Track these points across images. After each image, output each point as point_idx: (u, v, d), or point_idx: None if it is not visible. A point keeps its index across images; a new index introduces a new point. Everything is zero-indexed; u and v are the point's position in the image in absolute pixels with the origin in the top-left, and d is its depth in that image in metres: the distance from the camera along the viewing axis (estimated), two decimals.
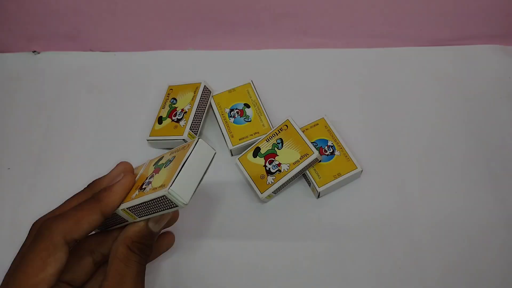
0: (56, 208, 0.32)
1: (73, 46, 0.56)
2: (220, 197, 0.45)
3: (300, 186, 0.45)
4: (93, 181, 0.34)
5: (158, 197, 0.28)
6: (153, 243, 0.33)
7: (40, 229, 0.28)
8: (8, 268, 0.28)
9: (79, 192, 0.33)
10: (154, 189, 0.29)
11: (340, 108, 0.50)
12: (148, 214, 0.31)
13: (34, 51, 0.57)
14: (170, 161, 0.31)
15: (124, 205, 0.31)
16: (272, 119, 0.48)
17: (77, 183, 0.36)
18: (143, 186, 0.31)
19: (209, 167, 0.30)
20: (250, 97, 0.48)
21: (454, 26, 0.52)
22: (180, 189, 0.28)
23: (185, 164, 0.29)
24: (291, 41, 0.54)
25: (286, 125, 0.44)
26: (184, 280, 0.41)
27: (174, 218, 0.38)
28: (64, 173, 0.48)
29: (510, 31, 0.53)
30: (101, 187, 0.32)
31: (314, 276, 0.41)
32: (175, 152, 0.32)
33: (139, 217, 0.31)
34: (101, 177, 0.34)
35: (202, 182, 0.30)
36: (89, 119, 0.51)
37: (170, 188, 0.27)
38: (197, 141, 0.30)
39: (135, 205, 0.30)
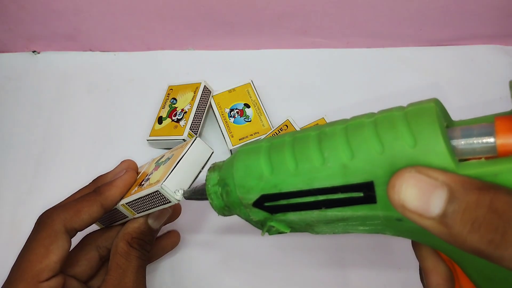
0: (61, 201, 0.33)
1: (73, 46, 0.56)
2: None
3: None
4: (98, 177, 0.35)
5: (152, 192, 0.29)
6: (153, 239, 0.33)
7: (42, 218, 0.29)
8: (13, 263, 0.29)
9: (83, 187, 0.34)
10: (150, 184, 0.30)
11: (340, 108, 0.50)
12: (146, 210, 0.31)
13: (34, 51, 0.57)
14: (169, 158, 0.32)
15: (123, 200, 0.32)
16: (272, 119, 0.48)
17: (77, 183, 0.36)
18: (142, 183, 0.31)
19: (205, 165, 0.31)
20: (250, 97, 0.48)
21: (454, 26, 0.52)
22: (173, 185, 0.28)
23: (180, 161, 0.30)
24: (291, 41, 0.54)
25: (286, 125, 0.44)
26: (184, 278, 0.41)
27: (175, 214, 0.38)
28: (64, 173, 0.48)
29: (510, 31, 0.53)
30: (104, 182, 0.33)
31: (313, 275, 0.41)
32: (174, 150, 0.33)
33: (137, 212, 0.32)
34: (105, 173, 0.35)
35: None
36: (89, 119, 0.51)
37: (163, 183, 0.28)
38: (195, 139, 0.31)
39: (133, 200, 0.31)
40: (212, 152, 0.32)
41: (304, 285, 0.41)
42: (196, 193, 0.28)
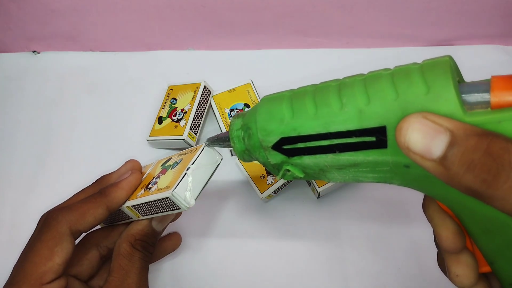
0: (64, 201, 0.32)
1: (73, 46, 0.56)
2: (220, 197, 0.45)
3: (300, 186, 0.45)
4: (102, 177, 0.35)
5: (162, 198, 0.28)
6: (156, 241, 0.33)
7: (47, 219, 0.29)
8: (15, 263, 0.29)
9: (87, 186, 0.34)
10: (159, 189, 0.29)
11: None
12: (152, 214, 0.31)
13: (34, 51, 0.57)
14: (177, 163, 0.31)
15: (129, 203, 0.31)
16: None
17: (77, 183, 0.36)
18: (149, 186, 0.31)
19: (214, 172, 0.31)
20: (250, 97, 0.48)
21: (454, 26, 0.52)
22: (184, 192, 0.28)
23: (191, 167, 0.29)
24: (291, 41, 0.54)
25: None
26: (185, 279, 0.41)
27: (177, 214, 0.38)
28: (64, 173, 0.48)
29: (510, 31, 0.53)
30: (109, 183, 0.33)
31: (314, 276, 0.41)
32: (183, 154, 0.33)
33: (142, 215, 0.32)
34: (109, 173, 0.35)
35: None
36: (89, 119, 0.51)
37: (174, 190, 0.28)
38: (205, 146, 0.31)
39: (140, 204, 0.31)
40: (222, 159, 0.31)
41: (303, 285, 0.41)
42: (218, 140, 0.30)
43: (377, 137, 0.21)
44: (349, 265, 0.41)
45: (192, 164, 0.29)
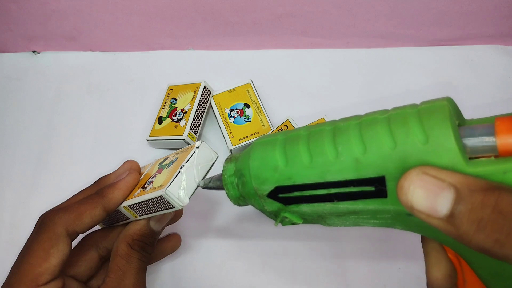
0: (62, 203, 0.32)
1: (73, 46, 0.56)
2: (220, 198, 0.45)
3: None
4: (100, 178, 0.35)
5: (156, 197, 0.29)
6: (154, 241, 0.33)
7: (44, 220, 0.29)
8: (12, 264, 0.29)
9: (86, 188, 0.34)
10: (154, 188, 0.29)
11: (340, 108, 0.50)
12: (148, 213, 0.31)
13: (34, 51, 0.57)
14: (172, 162, 0.31)
15: (125, 203, 0.31)
16: (272, 119, 0.48)
17: (77, 183, 0.36)
18: (145, 185, 0.31)
19: (210, 170, 0.31)
20: (250, 97, 0.48)
21: (454, 26, 0.52)
22: (178, 191, 0.28)
23: (185, 165, 0.29)
24: (291, 41, 0.54)
25: (286, 125, 0.44)
26: (184, 280, 0.41)
27: (177, 215, 0.38)
28: (64, 173, 0.48)
29: (510, 31, 0.53)
30: (107, 184, 0.32)
31: (314, 276, 0.41)
32: (178, 153, 0.33)
33: (140, 215, 0.32)
34: (108, 174, 0.35)
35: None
36: (89, 119, 0.51)
37: (167, 189, 0.28)
38: (200, 144, 0.31)
39: (136, 203, 0.31)
40: (217, 157, 0.31)
41: (303, 285, 0.41)
42: (213, 183, 0.29)
43: (376, 187, 0.20)
44: (349, 265, 0.41)
45: (186, 162, 0.29)
